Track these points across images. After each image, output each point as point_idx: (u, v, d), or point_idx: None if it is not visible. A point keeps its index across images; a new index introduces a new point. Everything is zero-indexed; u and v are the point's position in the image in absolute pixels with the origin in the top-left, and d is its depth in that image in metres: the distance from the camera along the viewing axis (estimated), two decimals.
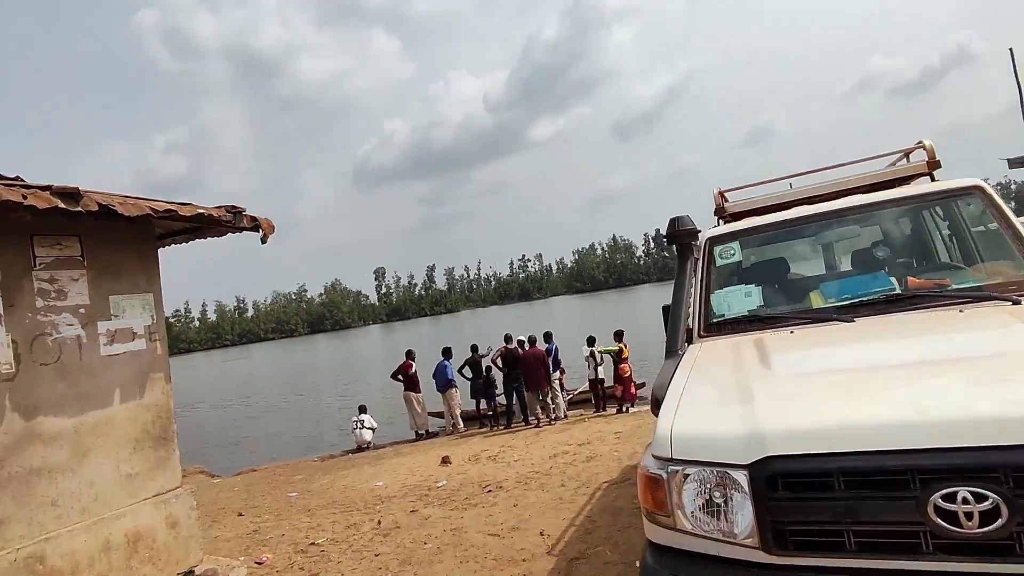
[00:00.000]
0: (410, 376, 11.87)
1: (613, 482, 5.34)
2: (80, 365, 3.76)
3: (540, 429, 10.12)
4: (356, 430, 11.68)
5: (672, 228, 3.34)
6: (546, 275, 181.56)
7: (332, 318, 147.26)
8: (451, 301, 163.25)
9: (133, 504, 3.93)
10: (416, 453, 9.97)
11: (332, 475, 9.33)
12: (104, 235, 3.99)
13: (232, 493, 9.18)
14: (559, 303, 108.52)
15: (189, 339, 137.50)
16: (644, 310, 52.73)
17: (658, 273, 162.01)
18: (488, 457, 8.12)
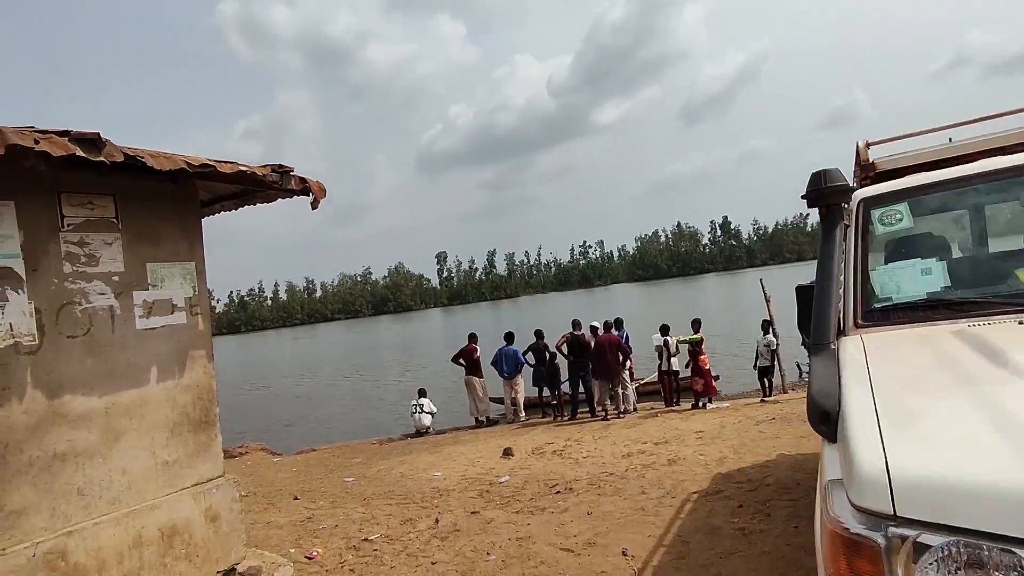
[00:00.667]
0: (473, 360, 11.42)
1: (703, 493, 4.60)
2: (112, 339, 3.37)
3: (608, 422, 9.42)
4: (415, 414, 11.34)
5: (816, 185, 2.56)
6: (607, 262, 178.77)
7: (395, 300, 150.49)
8: (511, 287, 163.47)
9: (169, 494, 3.53)
10: (476, 442, 9.49)
11: (390, 461, 8.98)
12: (141, 195, 3.57)
13: (291, 474, 9.00)
14: (620, 291, 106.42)
15: (262, 317, 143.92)
16: (711, 300, 50.57)
17: (724, 262, 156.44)
18: (553, 451, 7.51)
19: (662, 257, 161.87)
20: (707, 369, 9.52)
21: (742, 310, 32.73)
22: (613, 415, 9.84)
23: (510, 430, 10.34)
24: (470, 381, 11.35)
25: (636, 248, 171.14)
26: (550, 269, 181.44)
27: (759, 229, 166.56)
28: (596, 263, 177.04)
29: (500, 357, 11.30)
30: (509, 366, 11.19)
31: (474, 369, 11.38)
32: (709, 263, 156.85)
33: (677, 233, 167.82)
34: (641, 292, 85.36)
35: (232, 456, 10.80)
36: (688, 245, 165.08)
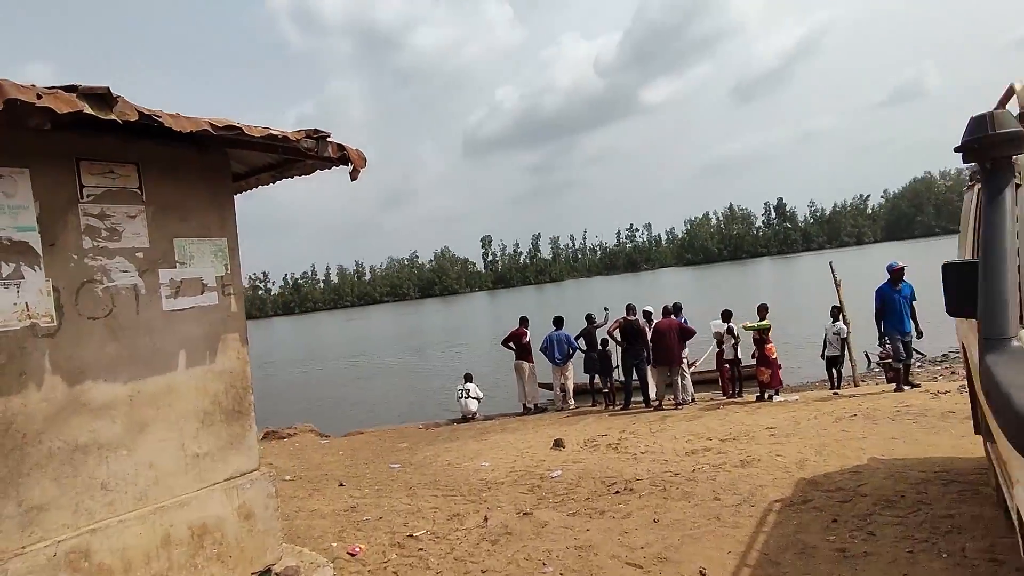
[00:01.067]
0: (523, 344, 11.03)
1: (787, 502, 4.06)
2: (137, 321, 3.09)
3: (665, 414, 8.87)
4: (461, 399, 11.06)
5: (979, 132, 1.99)
6: (654, 246, 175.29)
7: (441, 284, 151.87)
8: (555, 270, 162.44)
9: (200, 490, 3.26)
10: (524, 430, 9.12)
11: (436, 447, 8.72)
12: (167, 164, 3.26)
13: (337, 458, 8.85)
14: (668, 275, 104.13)
15: (314, 299, 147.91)
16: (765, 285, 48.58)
17: (778, 245, 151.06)
18: (608, 445, 7.05)
19: (713, 240, 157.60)
20: (774, 359, 8.82)
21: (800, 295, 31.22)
22: (670, 406, 9.28)
23: (559, 418, 9.93)
24: (520, 366, 10.98)
25: (685, 231, 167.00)
26: (595, 253, 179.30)
27: (816, 211, 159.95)
28: (643, 247, 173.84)
29: (550, 342, 10.87)
30: (560, 352, 10.75)
31: (524, 353, 11.00)
32: (762, 246, 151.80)
33: (729, 215, 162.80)
34: (690, 276, 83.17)
35: (281, 437, 10.80)
36: (740, 228, 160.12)
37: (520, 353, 10.99)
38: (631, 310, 9.99)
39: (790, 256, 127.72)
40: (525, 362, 10.96)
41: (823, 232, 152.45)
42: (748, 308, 10.46)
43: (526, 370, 10.94)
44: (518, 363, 11.01)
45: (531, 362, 11.01)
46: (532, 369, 11.01)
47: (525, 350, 10.99)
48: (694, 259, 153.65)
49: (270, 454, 9.33)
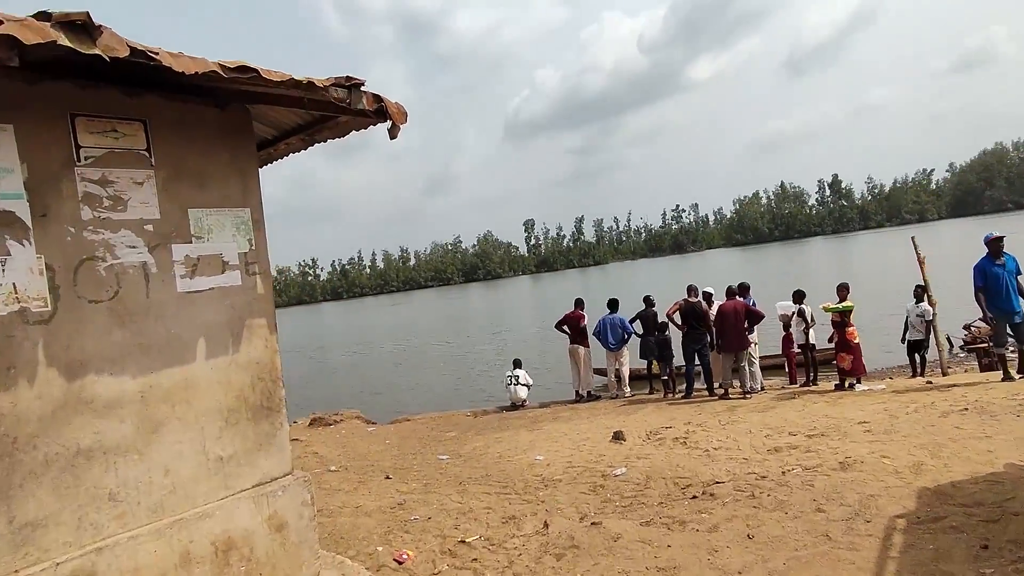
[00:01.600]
0: (580, 328, 10.42)
1: (913, 519, 3.36)
2: (147, 304, 2.66)
3: (733, 403, 8.15)
4: (510, 386, 10.57)
5: None
6: (702, 226, 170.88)
7: (484, 268, 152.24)
8: (599, 253, 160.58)
9: (224, 499, 2.84)
10: (578, 419, 8.57)
11: (485, 437, 8.27)
12: (180, 122, 2.81)
13: (383, 447, 8.51)
14: (716, 256, 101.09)
15: (361, 284, 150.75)
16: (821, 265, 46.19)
17: (833, 224, 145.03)
18: (675, 438, 6.42)
19: (763, 220, 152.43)
20: (856, 343, 7.95)
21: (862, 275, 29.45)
22: (737, 395, 8.55)
23: (615, 407, 9.33)
24: (575, 351, 10.40)
25: (734, 211, 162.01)
26: (640, 235, 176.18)
27: (874, 188, 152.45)
28: (690, 228, 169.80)
29: (603, 326, 10.24)
30: (614, 336, 10.11)
31: (580, 338, 10.40)
32: (816, 225, 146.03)
33: (780, 194, 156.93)
34: (740, 257, 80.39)
35: (327, 424, 10.58)
36: (792, 207, 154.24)
37: (575, 337, 10.41)
38: (692, 291, 9.25)
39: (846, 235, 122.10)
40: (581, 347, 10.37)
41: (882, 209, 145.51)
42: (808, 289, 9.56)
43: (581, 355, 10.36)
44: (573, 348, 10.44)
45: (587, 347, 10.41)
46: (588, 355, 10.42)
47: (581, 334, 10.40)
48: (743, 239, 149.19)
49: (316, 442, 9.09)
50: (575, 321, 10.42)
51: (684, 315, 8.97)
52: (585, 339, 10.40)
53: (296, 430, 10.50)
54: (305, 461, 7.76)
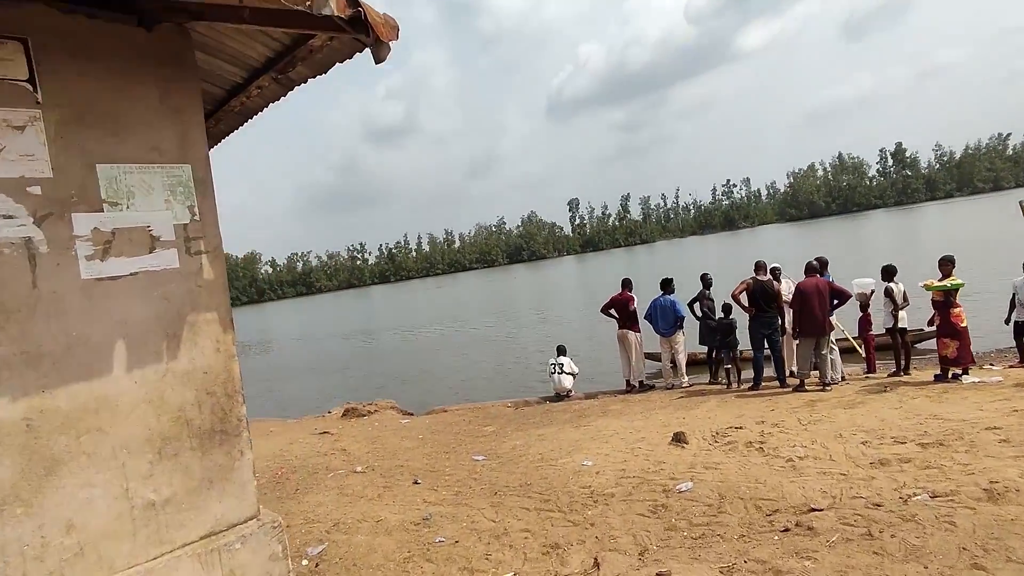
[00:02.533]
0: (629, 312, 9.43)
1: None
2: (33, 297, 1.91)
3: (811, 396, 7.07)
4: (554, 375, 9.72)
5: None
6: (754, 201, 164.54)
7: (528, 249, 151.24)
8: (646, 231, 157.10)
9: (158, 559, 2.10)
10: (630, 414, 7.65)
11: (526, 433, 7.46)
12: (83, 45, 2.02)
13: (416, 443, 7.82)
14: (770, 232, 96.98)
15: (408, 268, 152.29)
16: (886, 239, 43.03)
17: (896, 196, 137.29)
18: (747, 443, 5.44)
19: (819, 193, 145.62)
20: (964, 327, 6.71)
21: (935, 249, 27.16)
22: (814, 386, 7.44)
23: (671, 399, 8.36)
24: (624, 336, 9.43)
25: (788, 185, 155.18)
26: (689, 212, 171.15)
27: (943, 155, 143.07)
28: (741, 203, 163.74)
29: (655, 309, 9.23)
30: (667, 320, 9.09)
31: (629, 322, 9.41)
32: (876, 197, 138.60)
33: (838, 165, 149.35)
34: (795, 232, 76.64)
35: (361, 415, 9.99)
36: (851, 178, 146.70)
37: (624, 321, 9.42)
38: (761, 268, 8.13)
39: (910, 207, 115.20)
40: (630, 332, 9.39)
41: (951, 178, 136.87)
42: (870, 265, 8.23)
43: (631, 341, 9.38)
44: (622, 333, 9.47)
45: (637, 331, 9.42)
46: (638, 340, 9.43)
47: (631, 318, 9.40)
48: (798, 214, 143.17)
49: (346, 436, 8.49)
50: (623, 304, 9.44)
51: (752, 295, 7.88)
52: (635, 323, 9.41)
53: (328, 421, 9.97)
54: (331, 459, 7.15)
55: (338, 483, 6.14)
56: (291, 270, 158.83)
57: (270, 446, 8.16)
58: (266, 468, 7.05)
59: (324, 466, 6.84)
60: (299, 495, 5.90)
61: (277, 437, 8.92)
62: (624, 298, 9.45)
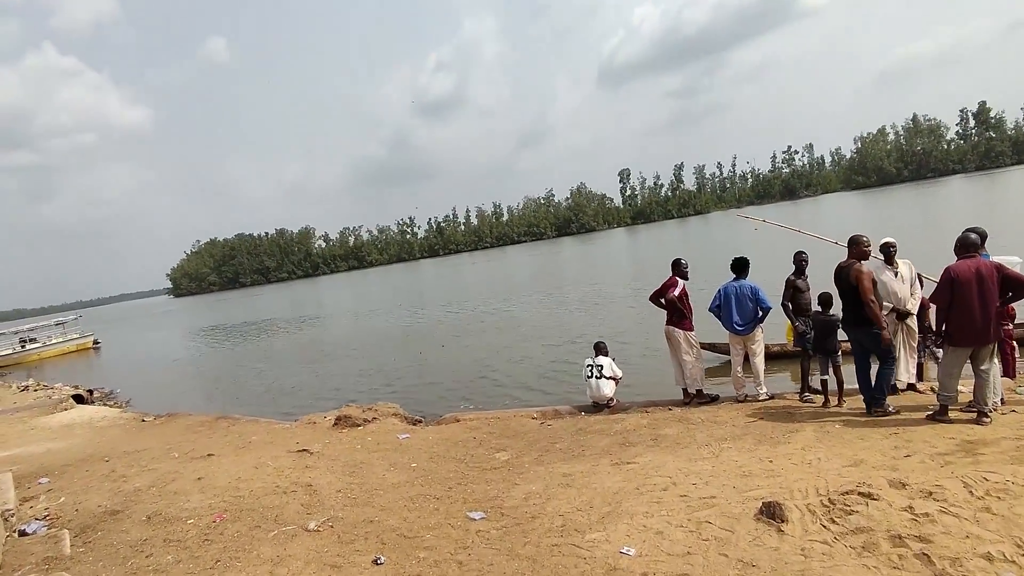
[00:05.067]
0: (675, 300, 7.26)
1: None
2: None
3: (963, 432, 4.82)
4: (591, 379, 7.70)
5: None
6: (817, 168, 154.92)
7: (578, 221, 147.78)
8: (700, 202, 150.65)
9: None
10: (691, 445, 5.60)
11: (547, 470, 5.54)
12: None
13: (404, 477, 6.02)
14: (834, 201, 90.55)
15: (456, 241, 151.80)
16: (971, 208, 37.88)
17: (977, 160, 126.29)
18: (890, 534, 3.33)
19: (889, 159, 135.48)
20: None
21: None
22: (963, 415, 5.18)
23: (744, 419, 6.24)
24: (672, 334, 7.29)
25: (855, 150, 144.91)
26: (746, 180, 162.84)
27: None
28: (803, 171, 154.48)
29: (724, 298, 7.04)
30: (745, 313, 6.91)
31: (677, 316, 7.25)
32: (955, 162, 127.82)
33: (912, 128, 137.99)
34: (862, 202, 70.67)
35: (356, 424, 8.27)
36: (926, 142, 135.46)
37: (673, 315, 7.28)
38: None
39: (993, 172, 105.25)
40: (676, 329, 7.25)
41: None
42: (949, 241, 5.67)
43: (682, 340, 7.23)
44: (668, 330, 7.34)
45: (687, 329, 7.26)
46: (688, 340, 7.26)
47: (679, 310, 7.24)
48: (866, 182, 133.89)
49: (324, 458, 6.77)
50: (666, 291, 7.24)
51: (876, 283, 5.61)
52: (686, 317, 7.22)
53: (315, 432, 8.30)
54: (288, 501, 5.42)
55: (277, 551, 4.39)
56: (343, 244, 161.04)
57: (230, 470, 6.53)
58: (208, 509, 5.40)
59: (274, 515, 5.11)
60: (218, 570, 4.18)
61: (248, 454, 7.31)
62: (668, 284, 7.25)
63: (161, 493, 6.02)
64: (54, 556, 4.64)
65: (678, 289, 7.20)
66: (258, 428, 9.20)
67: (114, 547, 4.81)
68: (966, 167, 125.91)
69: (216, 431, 9.42)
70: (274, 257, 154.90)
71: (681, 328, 7.24)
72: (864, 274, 5.55)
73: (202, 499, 5.70)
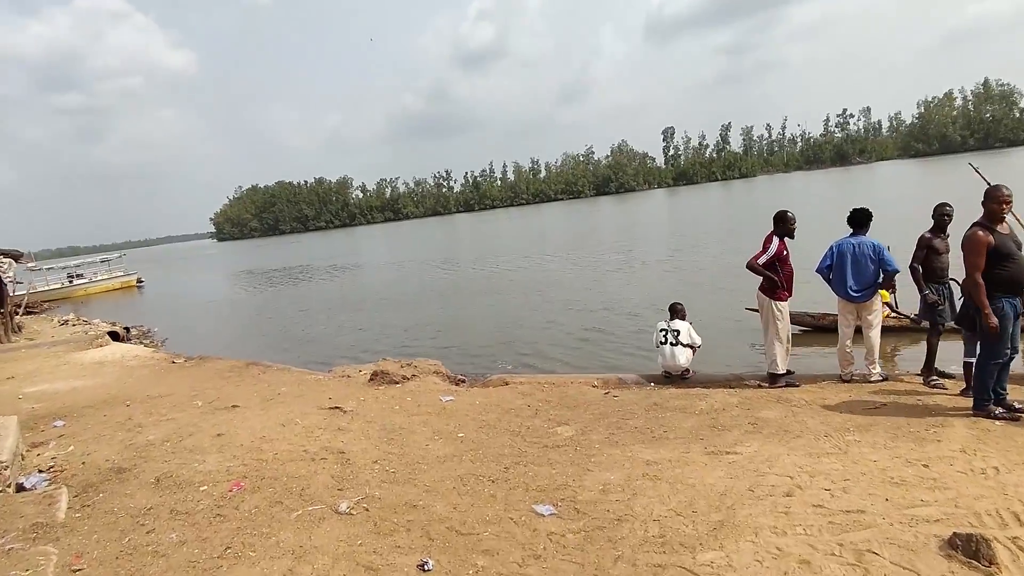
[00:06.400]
0: (755, 265, 6.04)
1: None
2: None
3: None
4: (665, 345, 6.65)
5: None
6: (873, 133, 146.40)
7: (617, 180, 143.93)
8: (746, 165, 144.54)
9: None
10: (805, 435, 4.55)
11: (625, 453, 4.58)
12: None
13: (451, 449, 5.15)
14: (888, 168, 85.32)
15: (492, 196, 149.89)
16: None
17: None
18: None
19: (954, 126, 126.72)
20: None
21: None
22: None
23: (860, 403, 5.14)
24: (765, 304, 6.12)
25: (917, 115, 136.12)
26: (795, 144, 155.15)
27: None
28: (857, 136, 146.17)
29: (839, 257, 5.82)
30: (863, 276, 5.71)
31: (766, 281, 6.05)
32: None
33: (982, 93, 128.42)
34: (919, 170, 65.82)
35: (393, 381, 7.45)
36: (997, 109, 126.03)
37: (766, 281, 6.07)
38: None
39: None
40: (767, 298, 6.07)
41: None
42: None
43: (774, 311, 6.03)
44: (759, 296, 6.18)
45: (778, 298, 6.02)
46: (777, 311, 6.00)
47: (776, 277, 6.01)
48: (925, 149, 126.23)
49: (358, 420, 5.96)
50: (764, 253, 6.01)
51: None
52: (776, 286, 6.00)
53: (349, 387, 7.50)
54: (317, 470, 4.61)
55: (300, 538, 3.56)
56: (380, 195, 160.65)
57: (255, 426, 5.78)
58: (225, 474, 4.63)
59: (300, 488, 4.30)
60: (228, 562, 3.37)
61: (276, 408, 6.56)
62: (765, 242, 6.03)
63: (175, 449, 5.29)
64: (44, 523, 3.93)
65: (770, 251, 5.95)
66: (289, 378, 8.48)
67: (114, 514, 4.07)
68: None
69: (245, 378, 8.76)
70: (313, 206, 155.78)
71: (771, 297, 6.04)
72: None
73: (220, 460, 4.93)
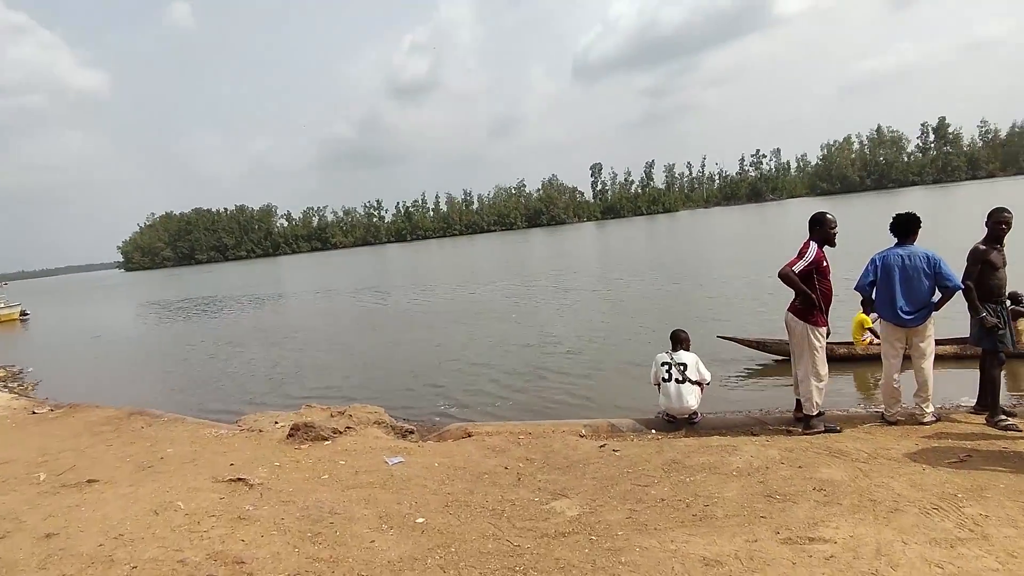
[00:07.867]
0: (789, 274, 4.84)
1: None
2: None
3: None
4: (668, 382, 5.37)
5: None
6: (783, 173, 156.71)
7: (548, 213, 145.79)
8: (669, 200, 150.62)
9: None
10: (901, 503, 3.32)
11: (663, 546, 3.18)
12: None
13: (408, 543, 3.63)
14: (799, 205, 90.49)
15: (425, 227, 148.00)
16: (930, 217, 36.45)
17: (935, 173, 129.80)
18: None
19: (853, 167, 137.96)
20: None
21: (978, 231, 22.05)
22: None
23: (935, 454, 4.01)
24: (790, 322, 4.97)
25: (821, 157, 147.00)
26: (714, 181, 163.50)
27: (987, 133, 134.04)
28: (769, 175, 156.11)
29: (886, 270, 4.76)
30: (916, 294, 4.66)
31: (798, 298, 4.92)
32: (914, 174, 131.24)
33: (875, 139, 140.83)
34: (827, 206, 69.62)
35: (322, 438, 5.73)
36: (888, 153, 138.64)
37: (797, 297, 4.93)
38: None
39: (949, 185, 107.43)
40: (799, 321, 4.93)
41: (996, 157, 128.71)
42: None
43: (811, 337, 4.89)
44: (788, 317, 5.02)
45: (815, 323, 4.85)
46: (814, 336, 4.85)
47: (801, 292, 4.87)
48: (830, 188, 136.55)
49: (272, 498, 4.26)
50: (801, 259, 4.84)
51: None
52: (812, 306, 4.86)
53: (258, 444, 5.70)
54: None
55: None
56: (307, 224, 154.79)
57: (112, 517, 3.96)
58: None
59: None
60: None
61: (151, 483, 4.71)
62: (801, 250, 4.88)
63: None
64: None
65: (807, 258, 4.83)
66: (181, 433, 6.58)
67: None
68: (924, 179, 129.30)
69: (123, 434, 6.78)
70: (233, 234, 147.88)
71: (803, 320, 4.90)
72: None
73: None
